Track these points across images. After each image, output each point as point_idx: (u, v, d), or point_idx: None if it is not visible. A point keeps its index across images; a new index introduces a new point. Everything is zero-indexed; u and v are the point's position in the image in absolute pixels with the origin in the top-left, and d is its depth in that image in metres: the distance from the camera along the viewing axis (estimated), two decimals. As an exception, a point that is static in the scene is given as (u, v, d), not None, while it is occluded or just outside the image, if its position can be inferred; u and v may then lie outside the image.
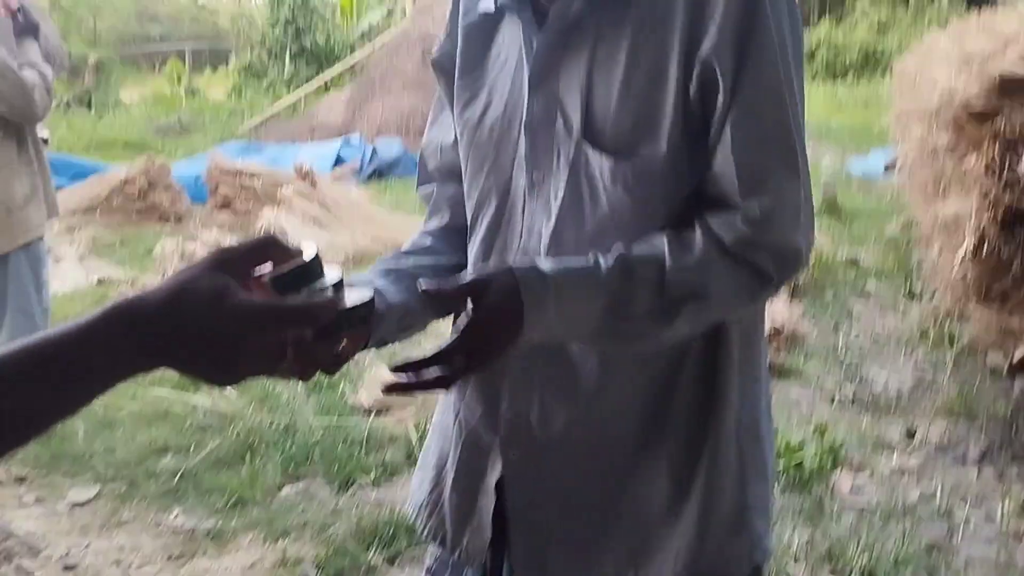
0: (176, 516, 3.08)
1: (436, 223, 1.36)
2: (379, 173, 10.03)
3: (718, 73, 1.03)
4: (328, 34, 19.85)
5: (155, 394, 4.05)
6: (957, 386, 3.89)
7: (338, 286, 0.85)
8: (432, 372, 0.99)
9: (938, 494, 3.08)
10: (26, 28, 3.33)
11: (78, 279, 5.97)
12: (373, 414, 3.79)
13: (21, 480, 3.37)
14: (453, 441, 1.28)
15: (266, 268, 0.81)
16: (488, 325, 1.00)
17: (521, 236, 1.18)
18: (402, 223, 7.15)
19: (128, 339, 0.72)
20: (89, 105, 17.31)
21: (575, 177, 1.12)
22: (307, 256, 0.84)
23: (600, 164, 1.09)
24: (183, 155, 12.06)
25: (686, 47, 1.04)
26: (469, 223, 1.27)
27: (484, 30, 1.25)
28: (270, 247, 0.81)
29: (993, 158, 2.83)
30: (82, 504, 3.20)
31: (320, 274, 0.84)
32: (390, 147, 10.45)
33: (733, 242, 1.05)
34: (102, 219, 7.69)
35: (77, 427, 3.74)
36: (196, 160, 9.93)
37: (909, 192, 5.52)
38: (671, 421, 1.15)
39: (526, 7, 1.16)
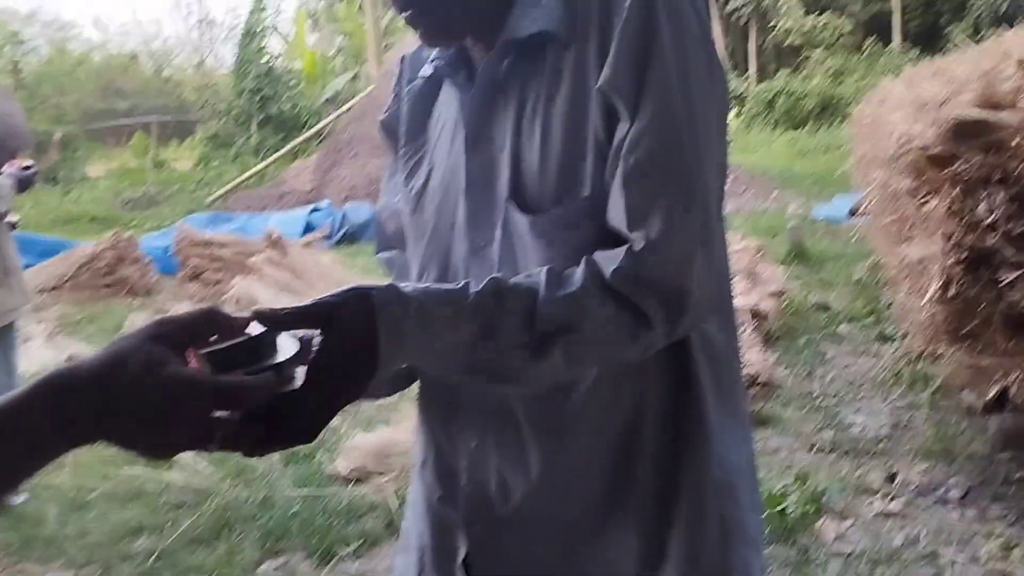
0: (152, 599, 3.00)
1: None
2: (350, 238, 10.06)
3: (619, 106, 0.98)
4: (294, 102, 20.00)
5: (128, 473, 3.97)
6: (934, 427, 3.90)
7: (285, 364, 0.79)
8: (285, 411, 0.82)
9: (922, 537, 3.07)
10: None
11: (46, 358, 5.87)
12: (352, 483, 3.74)
13: (-9, 569, 3.27)
14: (427, 521, 1.25)
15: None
16: (338, 355, 0.85)
17: None
18: (374, 287, 7.14)
19: (60, 410, 0.70)
20: (55, 181, 17.27)
21: (508, 240, 1.07)
22: (253, 331, 0.79)
23: (523, 224, 1.05)
24: (152, 228, 12.03)
25: (599, 90, 1.00)
26: None
27: (425, 95, 1.25)
28: (213, 320, 0.79)
29: (954, 201, 2.88)
30: (55, 592, 3.12)
31: (266, 353, 0.79)
32: (359, 212, 10.50)
33: (613, 276, 0.96)
34: (70, 296, 7.62)
35: (48, 510, 3.66)
36: (165, 233, 9.91)
37: (874, 236, 5.61)
38: (636, 480, 1.10)
39: (460, 70, 1.16)
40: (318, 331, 0.85)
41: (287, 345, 0.81)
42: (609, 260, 0.97)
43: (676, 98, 0.98)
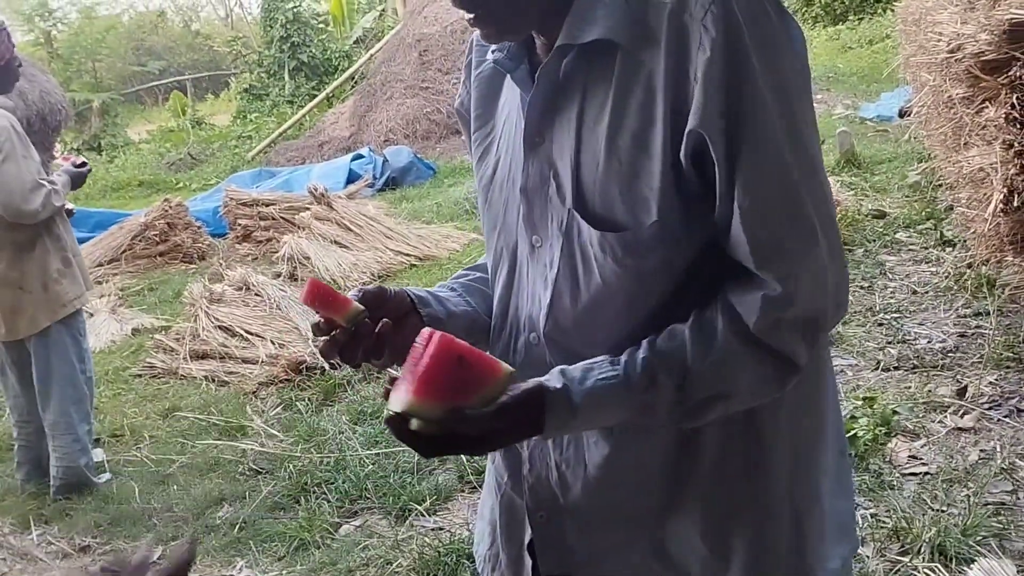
0: (240, 569, 3.11)
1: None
2: (392, 183, 10.05)
3: (710, 147, 0.97)
4: (324, 46, 19.83)
5: (203, 443, 4.09)
6: (1002, 335, 3.82)
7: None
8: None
9: (998, 451, 3.04)
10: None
11: (113, 332, 6.03)
12: (420, 437, 3.80)
13: (85, 549, 3.41)
14: (497, 499, 1.29)
15: None
16: (506, 436, 1.03)
17: (527, 301, 1.16)
18: (422, 234, 7.15)
19: None
20: (99, 149, 17.47)
21: (568, 246, 1.09)
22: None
23: (590, 234, 1.06)
24: (198, 188, 12.16)
25: (671, 114, 0.98)
26: (490, 278, 1.27)
27: (492, 82, 1.25)
28: None
29: (1012, 108, 2.76)
30: (148, 567, 3.23)
31: None
32: (400, 155, 10.46)
33: (756, 325, 1.00)
34: (128, 267, 7.77)
35: (132, 487, 3.79)
36: (212, 194, 10.01)
37: (928, 140, 5.43)
38: (697, 481, 1.11)
39: (522, 65, 1.14)
40: None
41: None
42: (749, 307, 1.00)
43: (780, 137, 0.97)
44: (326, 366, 4.61)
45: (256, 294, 5.57)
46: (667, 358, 1.02)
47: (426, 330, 0.99)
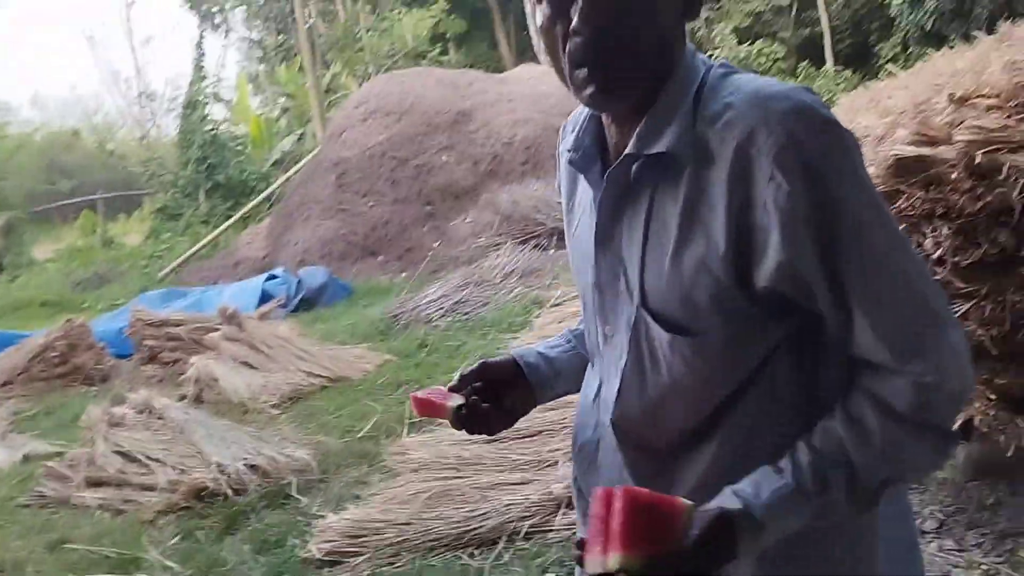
0: None
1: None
2: (306, 304, 9.97)
3: (806, 278, 1.03)
4: (241, 167, 19.91)
5: (92, 578, 3.85)
6: (904, 455, 3.92)
7: None
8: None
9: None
10: None
11: (1, 459, 5.72)
12: (327, 567, 3.65)
13: None
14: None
15: None
16: (705, 559, 1.05)
17: (605, 386, 1.23)
18: (336, 355, 7.07)
19: None
20: (1, 268, 16.96)
21: (636, 340, 1.14)
22: None
23: (659, 333, 1.12)
24: (105, 308, 11.84)
25: (736, 242, 1.04)
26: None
27: (573, 173, 1.31)
28: None
29: (900, 237, 2.92)
30: None
31: None
32: (315, 276, 10.42)
33: (910, 408, 1.05)
34: (23, 390, 7.46)
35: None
36: (118, 314, 9.76)
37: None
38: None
39: (594, 164, 1.20)
40: None
41: None
42: (899, 399, 1.05)
43: (881, 241, 1.04)
44: (229, 492, 4.44)
45: (159, 417, 5.38)
46: (831, 457, 1.07)
47: (598, 490, 1.05)
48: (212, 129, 19.89)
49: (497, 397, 1.35)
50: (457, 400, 1.33)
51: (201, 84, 20.26)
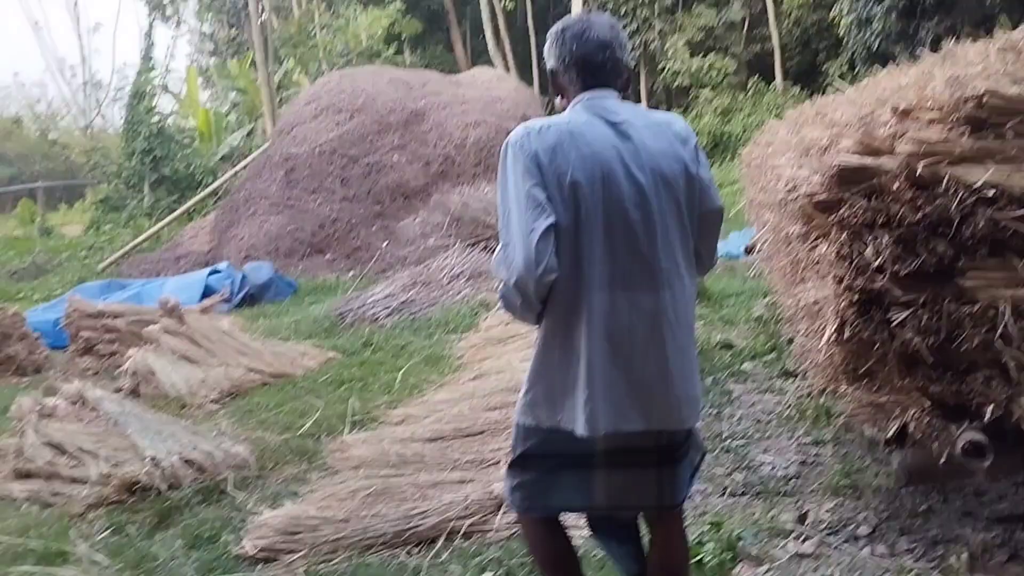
0: None
1: None
2: (250, 300, 9.83)
3: None
4: (187, 161, 19.58)
5: (17, 571, 3.73)
6: (840, 463, 3.98)
7: None
8: None
9: (836, 577, 3.11)
10: None
11: (-74, 449, 5.51)
12: (261, 564, 3.59)
13: None
14: None
15: None
16: None
17: None
18: (278, 351, 6.97)
19: None
20: (-66, 256, 16.45)
21: None
22: None
23: None
24: (41, 299, 11.53)
25: None
26: None
27: None
28: None
29: (842, 245, 2.95)
30: None
31: None
32: (260, 272, 10.28)
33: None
34: (-49, 379, 7.21)
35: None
36: (54, 304, 9.51)
37: (770, 274, 5.74)
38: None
39: None
40: None
41: None
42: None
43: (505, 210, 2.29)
44: (163, 487, 4.34)
45: (92, 409, 5.24)
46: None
47: None
48: (159, 121, 19.54)
49: None
50: None
51: (149, 74, 19.88)
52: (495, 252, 2.28)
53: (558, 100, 2.45)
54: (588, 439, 2.24)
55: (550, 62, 2.42)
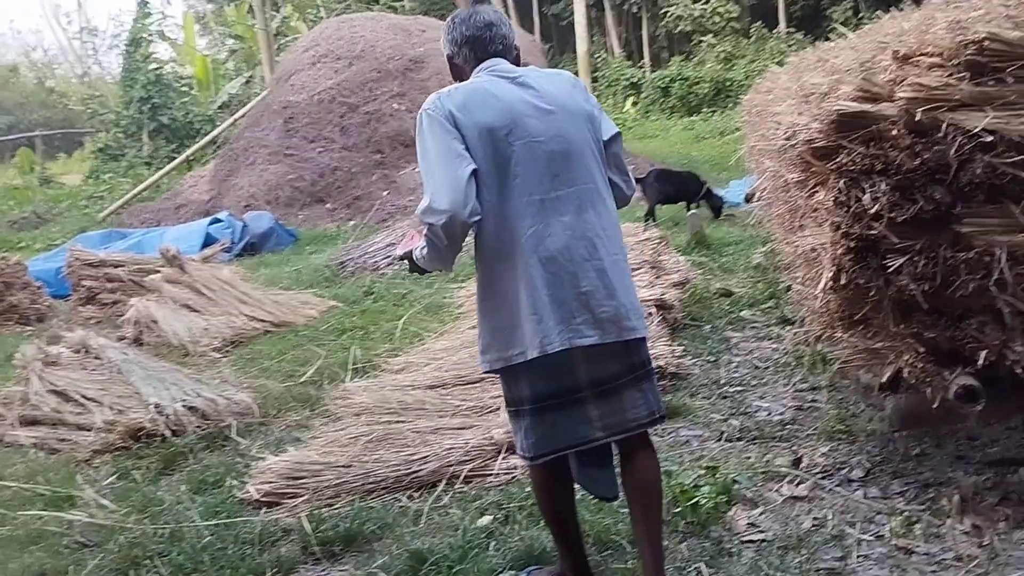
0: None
1: None
2: (251, 248, 9.84)
3: None
4: (186, 109, 19.45)
5: (26, 514, 3.80)
6: (835, 408, 4.02)
7: None
8: None
9: (829, 519, 3.16)
10: None
11: (-68, 397, 5.57)
12: (264, 508, 3.65)
13: None
14: None
15: None
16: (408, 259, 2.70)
17: None
18: (279, 300, 7.00)
19: None
20: (-66, 205, 16.44)
21: None
22: None
23: None
24: (42, 248, 11.56)
25: None
26: None
27: None
28: None
29: (840, 192, 2.95)
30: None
31: None
32: (260, 221, 10.28)
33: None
34: (-45, 328, 7.26)
35: (-59, 563, 3.47)
36: (55, 254, 9.54)
37: (769, 222, 5.74)
38: None
39: None
40: None
41: None
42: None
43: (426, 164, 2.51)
44: (167, 433, 4.40)
45: (96, 357, 5.29)
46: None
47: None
48: (157, 68, 19.37)
49: None
50: None
51: (145, 21, 19.66)
52: (419, 203, 2.45)
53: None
54: (563, 371, 2.45)
55: (446, 49, 2.71)
